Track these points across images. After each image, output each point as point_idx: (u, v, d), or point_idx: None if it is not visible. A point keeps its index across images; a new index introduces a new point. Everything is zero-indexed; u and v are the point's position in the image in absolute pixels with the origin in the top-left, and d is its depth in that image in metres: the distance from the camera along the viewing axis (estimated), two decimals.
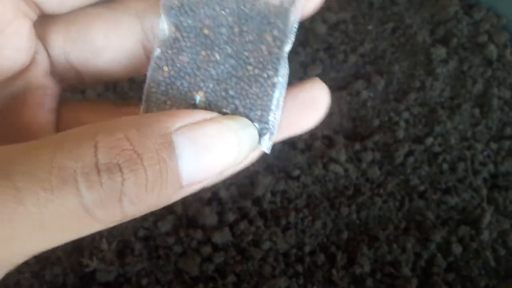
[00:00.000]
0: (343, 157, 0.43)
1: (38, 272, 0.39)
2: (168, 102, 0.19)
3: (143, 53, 0.22)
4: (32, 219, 0.14)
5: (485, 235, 0.41)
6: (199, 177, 0.17)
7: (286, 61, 0.19)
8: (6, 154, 0.15)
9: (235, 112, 0.19)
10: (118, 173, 0.15)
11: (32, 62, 0.21)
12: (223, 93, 0.19)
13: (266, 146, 0.20)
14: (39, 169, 0.15)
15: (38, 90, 0.21)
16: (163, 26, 0.19)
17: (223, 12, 0.19)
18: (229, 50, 0.19)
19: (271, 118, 0.19)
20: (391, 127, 0.45)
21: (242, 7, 0.19)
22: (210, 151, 0.17)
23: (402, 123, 0.45)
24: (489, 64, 0.47)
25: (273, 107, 0.19)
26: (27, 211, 0.14)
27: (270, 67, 0.19)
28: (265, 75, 0.19)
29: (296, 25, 0.19)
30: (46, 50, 0.21)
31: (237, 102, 0.19)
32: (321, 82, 0.20)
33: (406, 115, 0.45)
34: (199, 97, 0.19)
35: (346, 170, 0.43)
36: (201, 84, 0.19)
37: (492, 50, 0.47)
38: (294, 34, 0.19)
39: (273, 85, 0.19)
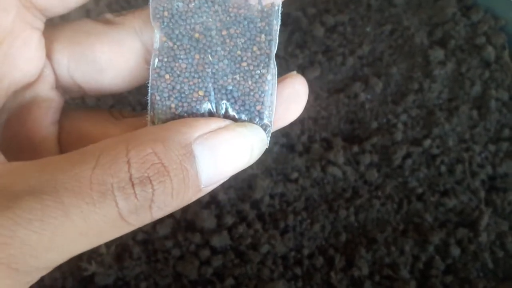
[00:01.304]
0: (341, 160, 0.43)
1: None
2: (173, 106, 0.21)
3: (146, 67, 0.23)
4: (78, 228, 0.17)
5: (483, 237, 0.41)
6: (216, 180, 0.19)
7: (275, 62, 0.21)
8: (49, 169, 0.17)
9: (237, 106, 0.21)
10: (149, 185, 0.17)
11: (40, 75, 0.21)
12: (223, 90, 0.21)
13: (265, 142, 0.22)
14: (82, 185, 0.17)
15: (44, 103, 0.22)
16: (157, 38, 0.20)
17: (210, 19, 0.20)
18: (222, 51, 0.21)
19: (268, 113, 0.21)
20: (389, 129, 0.45)
21: (228, 14, 0.20)
22: (226, 157, 0.19)
23: (400, 125, 0.45)
24: (487, 66, 0.47)
25: (269, 102, 0.21)
26: (73, 222, 0.17)
27: (262, 65, 0.21)
28: (258, 72, 0.21)
29: (278, 26, 0.21)
30: (52, 66, 0.22)
31: (236, 96, 0.21)
32: (299, 75, 0.22)
33: (404, 117, 0.45)
34: (200, 96, 0.21)
35: (344, 173, 0.43)
36: (201, 85, 0.21)
37: (490, 52, 0.47)
38: (277, 34, 0.21)
39: (267, 81, 0.21)
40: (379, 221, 0.42)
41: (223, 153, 0.19)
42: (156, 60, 0.21)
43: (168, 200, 0.18)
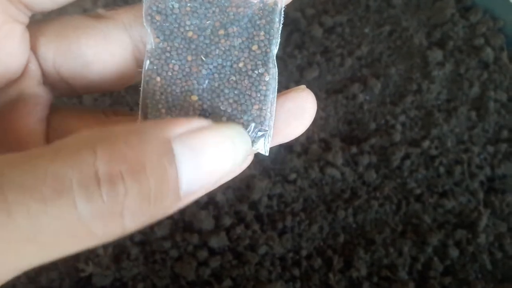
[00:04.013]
0: (339, 161, 0.43)
1: (34, 277, 0.39)
2: (163, 111, 0.20)
3: (135, 64, 0.22)
4: (23, 232, 0.14)
5: (482, 239, 0.41)
6: (196, 186, 0.16)
7: (275, 62, 0.20)
8: (2, 163, 0.14)
9: (231, 109, 0.19)
10: (120, 183, 0.14)
11: (25, 71, 0.20)
12: (217, 91, 0.19)
13: (263, 148, 0.20)
14: (32, 179, 0.14)
15: (31, 99, 0.21)
16: (150, 39, 0.20)
17: (207, 20, 0.19)
18: (217, 51, 0.19)
19: (266, 117, 0.20)
20: (387, 130, 0.45)
21: (226, 14, 0.19)
22: (208, 158, 0.16)
23: (399, 126, 0.45)
24: (485, 67, 0.47)
25: (267, 105, 0.20)
26: (16, 224, 0.13)
27: (260, 65, 0.19)
28: (256, 72, 0.19)
29: (280, 25, 0.20)
30: (38, 61, 0.21)
31: (231, 98, 0.19)
32: (308, 90, 0.20)
33: (402, 118, 0.45)
34: (193, 99, 0.20)
35: (342, 174, 0.43)
36: (194, 87, 0.20)
37: (488, 53, 0.47)
38: (279, 34, 0.20)
39: (265, 82, 0.19)
40: (377, 222, 0.42)
41: (205, 153, 0.16)
42: (148, 62, 0.20)
43: (144, 206, 0.15)
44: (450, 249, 0.40)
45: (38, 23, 0.21)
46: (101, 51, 0.21)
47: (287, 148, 0.44)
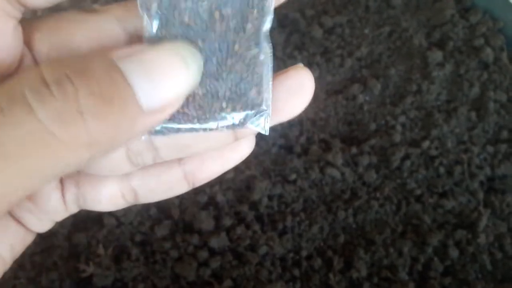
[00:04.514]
0: (339, 161, 0.43)
1: (34, 277, 0.39)
2: None
3: None
4: None
5: (482, 239, 0.41)
6: (159, 101, 0.16)
7: (269, 38, 0.19)
8: None
9: (230, 92, 0.19)
10: (68, 83, 0.14)
11: (20, 66, 0.20)
12: (215, 75, 0.19)
13: (263, 128, 0.20)
14: None
15: None
16: (145, 25, 0.19)
17: (202, 3, 0.19)
18: (213, 35, 0.19)
19: (264, 97, 0.19)
20: (387, 131, 0.45)
21: None
22: (160, 72, 0.16)
23: (399, 127, 0.45)
24: (485, 68, 0.47)
25: (264, 86, 0.19)
26: None
27: (254, 45, 0.19)
28: (251, 53, 0.19)
29: (272, 4, 0.19)
30: (33, 56, 0.21)
31: (229, 83, 0.19)
32: (306, 68, 0.20)
33: (402, 118, 0.45)
34: None
35: (342, 174, 0.43)
36: None
37: (488, 54, 0.47)
38: (272, 12, 0.19)
39: (261, 62, 0.19)
40: (377, 223, 0.42)
41: (154, 66, 0.16)
42: None
43: (100, 104, 0.15)
44: (450, 250, 0.40)
45: (33, 19, 0.21)
46: (95, 44, 0.20)
47: (287, 148, 0.44)
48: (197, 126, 0.20)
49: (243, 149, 0.22)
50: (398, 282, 0.39)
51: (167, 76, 0.17)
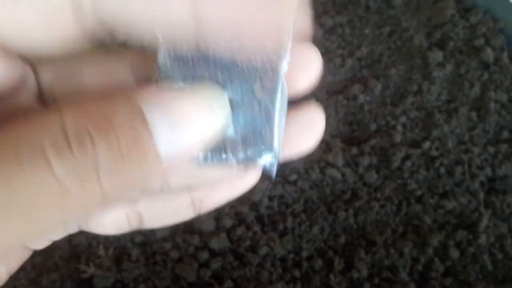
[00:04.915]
0: (340, 162, 0.43)
1: (35, 278, 0.39)
2: None
3: None
4: (3, 197, 0.14)
5: (483, 239, 0.41)
6: (177, 149, 0.16)
7: (283, 78, 0.19)
8: None
9: (242, 134, 0.19)
10: (87, 138, 0.14)
11: (22, 85, 0.20)
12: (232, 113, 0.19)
13: (271, 170, 0.20)
14: (5, 145, 0.14)
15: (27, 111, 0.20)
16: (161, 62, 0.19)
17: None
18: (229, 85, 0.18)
19: (276, 137, 0.19)
20: (388, 131, 0.45)
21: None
22: (183, 117, 0.16)
23: (399, 127, 0.45)
24: (486, 68, 0.47)
25: (275, 130, 0.19)
26: None
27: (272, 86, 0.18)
28: (268, 95, 0.19)
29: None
30: (36, 80, 0.20)
31: (244, 119, 0.19)
32: (316, 104, 0.20)
33: (403, 119, 0.45)
34: None
35: (343, 175, 0.43)
36: None
37: (489, 54, 0.47)
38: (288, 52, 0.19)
39: (275, 103, 0.18)
40: (378, 223, 0.42)
41: (180, 115, 0.15)
42: None
43: (118, 161, 0.14)
44: (451, 250, 0.40)
45: None
46: (102, 84, 0.20)
47: None
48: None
49: (251, 178, 0.22)
50: (398, 283, 0.39)
51: (191, 125, 0.16)
